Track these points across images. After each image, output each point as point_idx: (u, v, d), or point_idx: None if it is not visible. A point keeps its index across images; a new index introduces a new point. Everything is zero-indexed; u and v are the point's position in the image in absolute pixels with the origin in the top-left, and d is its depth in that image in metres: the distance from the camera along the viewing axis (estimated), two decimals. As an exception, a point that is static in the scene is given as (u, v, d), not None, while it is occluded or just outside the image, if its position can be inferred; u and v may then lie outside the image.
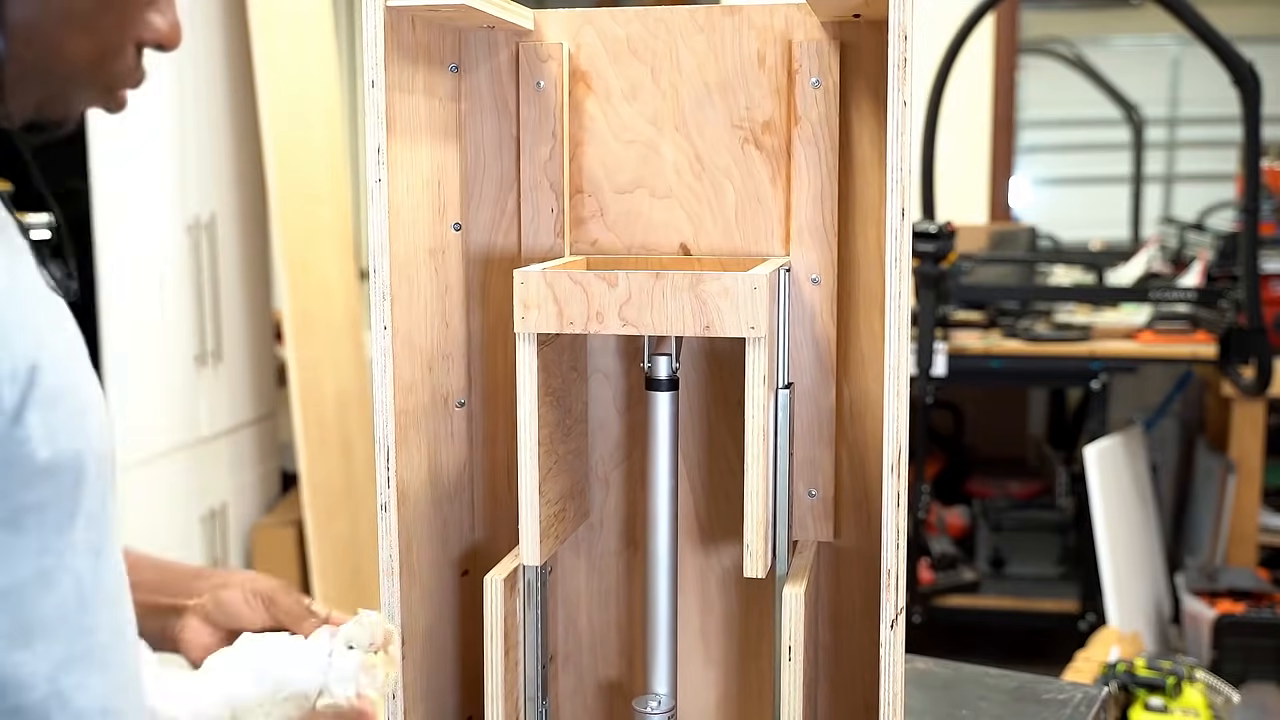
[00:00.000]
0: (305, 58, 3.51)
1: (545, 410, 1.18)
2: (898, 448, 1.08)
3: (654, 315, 1.12)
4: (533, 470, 1.17)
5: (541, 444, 1.17)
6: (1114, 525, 3.26)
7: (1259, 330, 3.11)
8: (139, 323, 2.97)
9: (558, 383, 1.23)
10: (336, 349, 3.57)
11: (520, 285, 1.14)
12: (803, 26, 1.25)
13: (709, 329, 1.11)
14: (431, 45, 1.26)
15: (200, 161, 3.22)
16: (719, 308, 1.11)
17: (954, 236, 3.26)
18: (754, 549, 1.14)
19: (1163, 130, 7.16)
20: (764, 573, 1.15)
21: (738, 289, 1.10)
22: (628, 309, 1.12)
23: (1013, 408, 4.58)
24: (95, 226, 2.80)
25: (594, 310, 1.13)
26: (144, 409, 2.99)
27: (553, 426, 1.21)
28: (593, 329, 1.13)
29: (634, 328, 1.13)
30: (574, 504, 1.30)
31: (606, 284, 1.12)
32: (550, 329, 1.14)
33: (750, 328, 1.10)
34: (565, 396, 1.26)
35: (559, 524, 1.24)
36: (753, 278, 1.10)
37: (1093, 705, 1.51)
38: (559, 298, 1.13)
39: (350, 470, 3.59)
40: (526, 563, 1.19)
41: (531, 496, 1.17)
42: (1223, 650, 3.06)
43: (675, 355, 1.22)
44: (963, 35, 3.54)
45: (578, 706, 1.43)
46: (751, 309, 1.10)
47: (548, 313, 1.14)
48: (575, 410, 1.30)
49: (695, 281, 1.11)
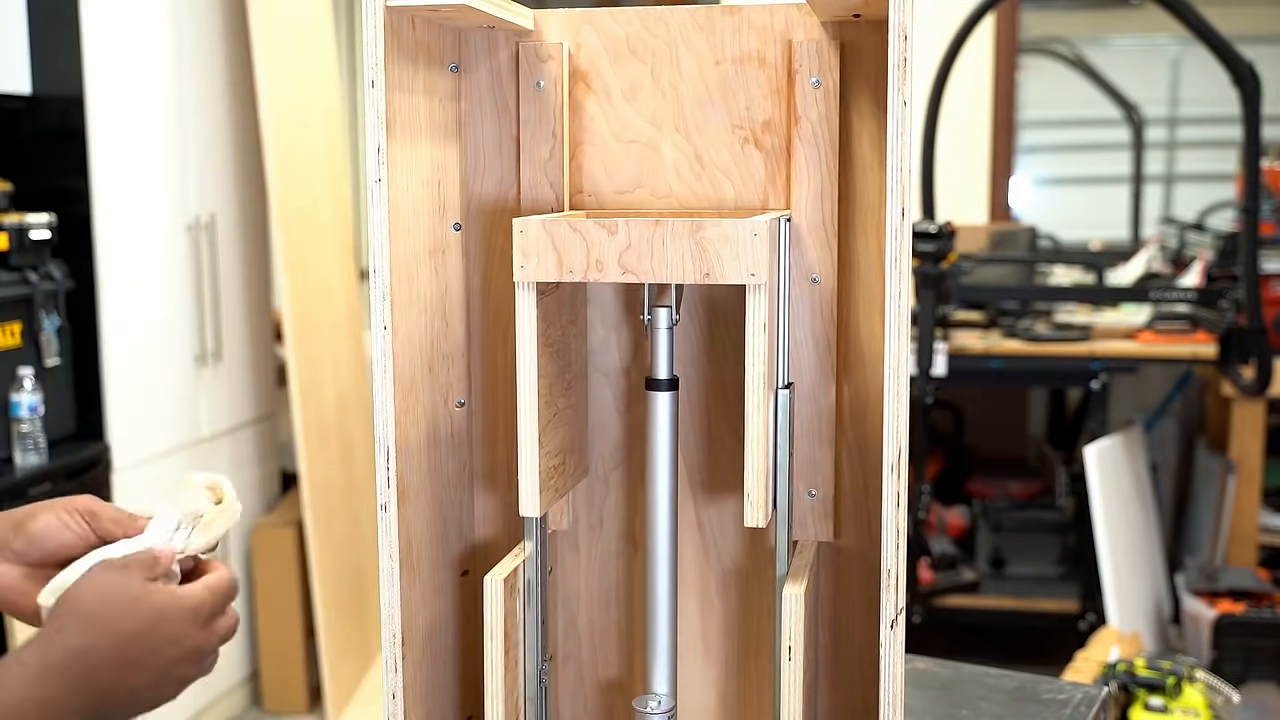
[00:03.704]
0: (305, 58, 3.51)
1: (544, 360, 1.17)
2: (898, 448, 1.08)
3: (654, 263, 1.11)
4: (532, 420, 1.16)
5: (540, 394, 1.16)
6: (1114, 525, 3.26)
7: (1259, 330, 3.11)
8: (139, 323, 2.97)
9: (557, 334, 1.22)
10: (336, 349, 3.57)
11: (519, 234, 1.13)
12: (803, 26, 1.25)
13: (709, 276, 1.10)
14: (431, 45, 1.26)
15: (200, 161, 3.22)
16: (719, 254, 1.10)
17: (954, 236, 3.26)
18: (754, 498, 1.13)
19: (1163, 130, 7.16)
20: (764, 522, 1.14)
21: (738, 235, 1.09)
22: (627, 256, 1.12)
23: (1013, 408, 4.59)
24: (95, 226, 2.80)
25: (594, 259, 1.12)
26: (144, 409, 2.99)
27: (552, 378, 1.20)
28: (592, 277, 1.12)
29: (634, 275, 1.12)
30: (573, 458, 1.30)
31: (606, 232, 1.12)
32: (550, 278, 1.13)
33: (750, 274, 1.09)
34: (564, 349, 1.25)
35: (558, 477, 1.24)
36: (753, 224, 1.09)
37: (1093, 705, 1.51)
38: (558, 246, 1.13)
39: (350, 470, 3.59)
40: (526, 513, 1.19)
41: (531, 446, 1.16)
42: (1223, 650, 3.06)
43: (675, 307, 1.21)
44: (963, 35, 3.54)
45: (578, 706, 1.43)
46: (752, 255, 1.09)
47: (547, 261, 1.13)
48: (575, 365, 1.30)
49: (695, 229, 1.10)
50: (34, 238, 2.63)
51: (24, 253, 2.62)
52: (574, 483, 1.31)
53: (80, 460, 2.74)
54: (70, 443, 2.79)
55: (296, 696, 3.48)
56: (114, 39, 2.86)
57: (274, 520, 3.50)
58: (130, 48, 2.93)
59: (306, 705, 3.49)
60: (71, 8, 2.73)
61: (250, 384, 3.50)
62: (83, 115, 2.76)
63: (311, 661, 3.46)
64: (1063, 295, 3.79)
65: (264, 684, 3.50)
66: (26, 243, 2.62)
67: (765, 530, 1.35)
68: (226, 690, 3.40)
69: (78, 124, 2.77)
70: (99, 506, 0.97)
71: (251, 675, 3.53)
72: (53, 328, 2.70)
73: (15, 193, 2.69)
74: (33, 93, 2.75)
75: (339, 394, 3.55)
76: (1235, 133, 3.33)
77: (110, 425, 2.86)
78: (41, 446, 2.61)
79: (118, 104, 2.88)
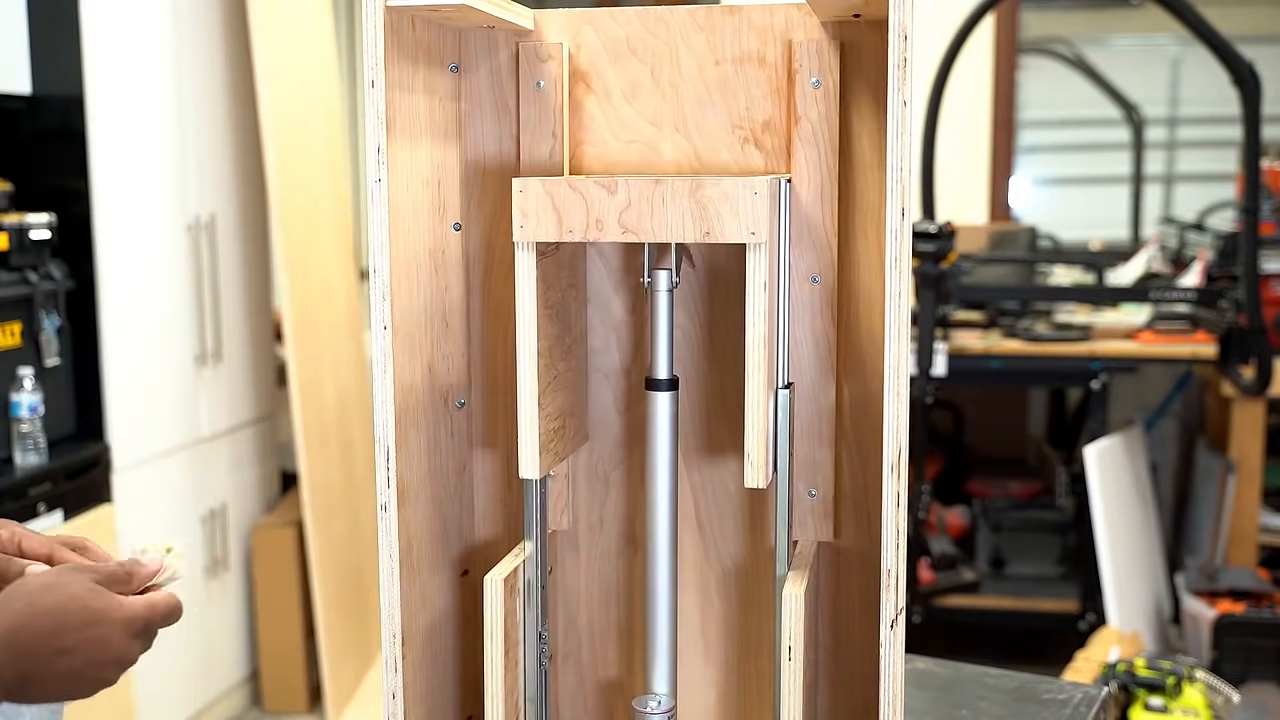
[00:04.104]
0: (305, 58, 3.51)
1: (544, 322, 1.17)
2: (898, 448, 1.08)
3: (654, 221, 1.11)
4: (531, 381, 1.16)
5: (541, 355, 1.16)
6: (1114, 525, 3.26)
7: (1259, 330, 3.11)
8: (139, 323, 2.97)
9: (556, 297, 1.22)
10: (336, 349, 3.57)
11: (519, 194, 1.12)
12: (803, 26, 1.25)
13: (709, 235, 1.10)
14: (431, 45, 1.26)
15: (200, 161, 3.22)
16: (719, 213, 1.10)
17: (954, 236, 3.26)
18: (754, 459, 1.13)
19: (1163, 130, 7.16)
20: (765, 483, 1.14)
21: (738, 194, 1.09)
22: (627, 215, 1.11)
23: (1013, 408, 4.58)
24: (95, 226, 2.80)
25: (593, 218, 1.12)
26: (144, 409, 2.99)
27: (552, 340, 1.20)
28: (592, 237, 1.12)
29: (634, 235, 1.11)
30: (573, 422, 1.29)
31: (606, 191, 1.11)
32: (549, 237, 1.13)
33: (751, 233, 1.09)
34: (564, 313, 1.25)
35: (558, 440, 1.24)
36: (753, 182, 1.09)
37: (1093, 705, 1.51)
38: (558, 205, 1.12)
39: (350, 470, 3.59)
40: (525, 475, 1.18)
41: (531, 408, 1.16)
42: (1223, 650, 3.06)
43: (675, 270, 1.21)
44: (963, 35, 3.54)
45: (578, 706, 1.43)
46: (752, 214, 1.09)
47: (546, 221, 1.12)
48: (575, 330, 1.30)
49: (695, 187, 1.10)
50: (34, 238, 2.63)
51: (24, 253, 2.62)
52: (574, 447, 1.30)
53: (80, 460, 2.74)
54: (70, 443, 2.79)
55: (296, 696, 3.48)
56: (114, 39, 2.86)
57: (274, 520, 3.50)
58: (130, 48, 2.93)
59: (306, 705, 3.49)
60: (71, 8, 2.73)
61: (250, 384, 3.50)
62: (83, 115, 2.76)
63: (311, 661, 3.46)
64: (1063, 295, 3.79)
65: (264, 684, 3.50)
66: (26, 243, 2.62)
67: (765, 530, 1.35)
68: (226, 690, 3.40)
69: (78, 124, 2.77)
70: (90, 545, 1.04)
71: (251, 675, 3.53)
72: (53, 328, 2.70)
73: (15, 193, 2.69)
74: (33, 93, 2.75)
75: (339, 394, 3.55)
76: (1235, 133, 3.33)
77: (110, 425, 2.86)
78: (41, 446, 2.61)
79: (118, 104, 2.88)
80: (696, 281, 1.34)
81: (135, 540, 2.94)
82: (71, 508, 2.66)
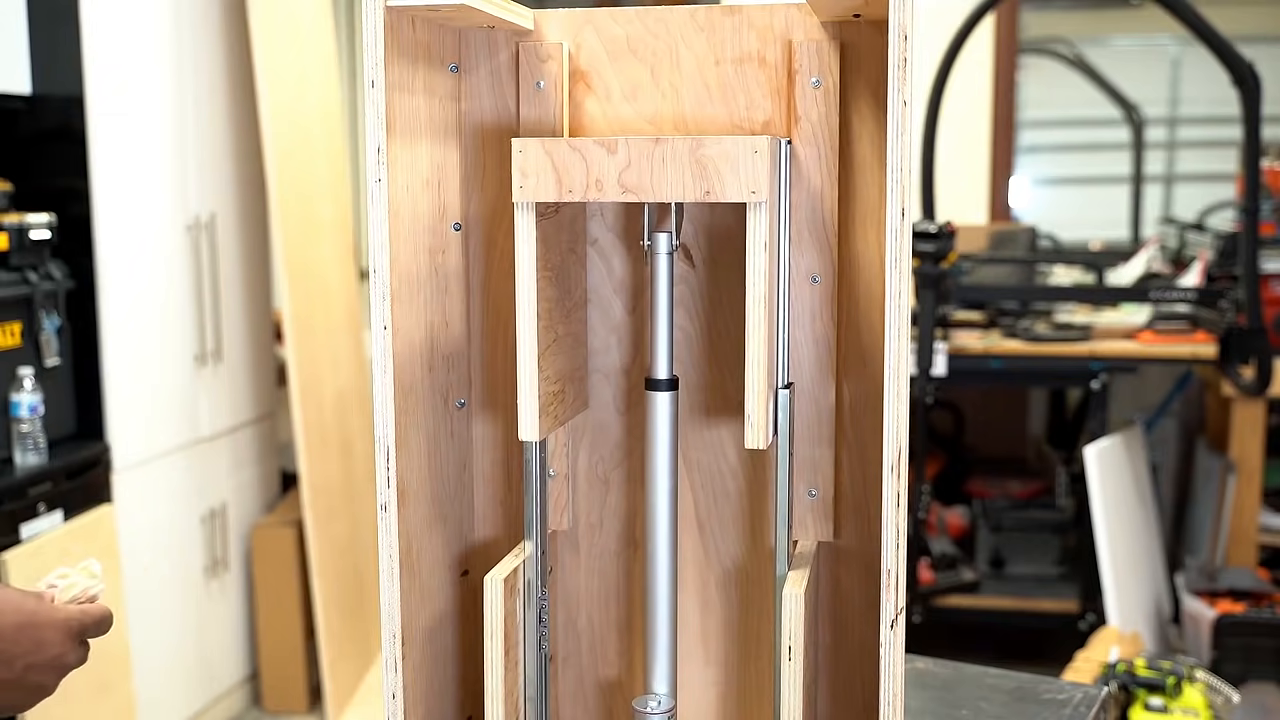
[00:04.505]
0: (305, 58, 3.51)
1: (544, 284, 1.17)
2: (898, 448, 1.08)
3: (654, 181, 1.11)
4: (531, 342, 1.15)
5: (540, 318, 1.16)
6: (1114, 525, 3.26)
7: (1259, 330, 3.11)
8: (139, 323, 2.97)
9: (556, 259, 1.22)
10: (336, 349, 3.57)
11: (519, 154, 1.12)
12: (803, 26, 1.25)
13: (709, 194, 1.10)
14: (431, 45, 1.26)
15: (200, 161, 3.22)
16: (719, 172, 1.09)
17: (954, 236, 3.26)
18: (754, 419, 1.12)
19: (1163, 130, 7.16)
20: (765, 444, 1.13)
21: (739, 153, 1.09)
22: (627, 175, 1.11)
23: (1013, 408, 4.58)
24: (95, 226, 2.80)
25: (593, 178, 1.11)
26: (144, 409, 2.99)
27: (552, 302, 1.20)
28: (592, 197, 1.12)
29: (633, 194, 1.11)
30: (573, 388, 1.29)
31: (606, 150, 1.11)
32: (549, 198, 1.13)
33: (751, 192, 1.09)
34: (564, 276, 1.25)
35: (558, 404, 1.23)
36: (754, 141, 1.09)
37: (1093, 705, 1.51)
38: (558, 165, 1.12)
39: (350, 470, 3.59)
40: (525, 437, 1.18)
41: (530, 369, 1.16)
42: (1223, 650, 3.06)
43: (675, 232, 1.21)
44: (963, 35, 3.54)
45: (578, 706, 1.43)
46: (752, 173, 1.09)
47: (546, 181, 1.12)
48: (575, 294, 1.30)
49: (696, 146, 1.10)
50: (34, 238, 2.63)
51: (24, 253, 2.62)
52: (573, 413, 1.30)
53: (80, 460, 2.74)
54: (70, 443, 2.79)
55: (296, 696, 3.48)
56: (114, 39, 2.86)
57: (274, 520, 3.50)
58: (130, 48, 2.93)
59: (306, 705, 3.49)
60: (71, 8, 2.73)
61: (250, 384, 3.50)
62: (83, 115, 2.76)
63: (311, 661, 3.46)
64: (1063, 295, 3.79)
65: (264, 684, 3.50)
66: (26, 243, 2.62)
67: (765, 530, 1.35)
68: (226, 690, 3.40)
69: (78, 124, 2.77)
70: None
71: (251, 675, 3.53)
72: (53, 328, 2.70)
73: (15, 193, 2.69)
74: (33, 93, 2.75)
75: (339, 394, 3.55)
76: (1235, 133, 3.33)
77: (110, 425, 2.86)
78: (41, 446, 2.61)
79: (118, 104, 2.88)
80: (697, 281, 1.34)
81: (136, 541, 2.94)
82: (71, 508, 2.66)
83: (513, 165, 1.12)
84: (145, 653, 2.98)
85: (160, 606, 3.07)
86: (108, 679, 2.68)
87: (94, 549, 2.68)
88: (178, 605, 3.15)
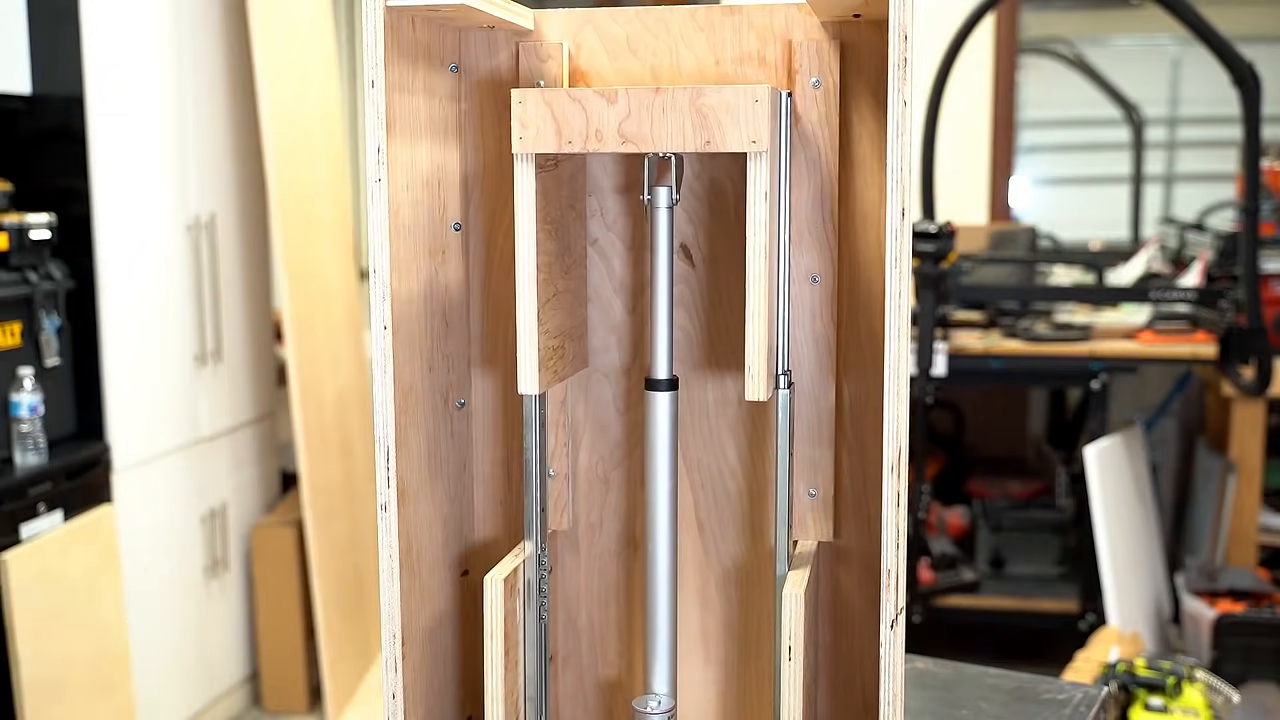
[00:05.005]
0: (305, 58, 3.51)
1: (544, 237, 1.17)
2: (898, 448, 1.08)
3: (654, 131, 1.10)
4: (531, 295, 1.15)
5: (540, 270, 1.16)
6: (1114, 525, 3.26)
7: (1259, 330, 3.11)
8: (139, 323, 2.97)
9: (556, 213, 1.22)
10: (336, 349, 3.57)
11: (518, 104, 1.12)
12: (803, 26, 1.25)
13: (710, 144, 1.10)
14: (431, 45, 1.26)
15: (200, 161, 3.22)
16: (720, 122, 1.09)
17: (954, 236, 3.26)
18: (755, 371, 1.12)
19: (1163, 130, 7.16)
20: (765, 396, 1.13)
21: (739, 102, 1.08)
22: (627, 125, 1.11)
23: (1013, 408, 4.58)
24: (95, 226, 2.80)
25: (593, 128, 1.11)
26: (144, 409, 2.99)
27: (551, 256, 1.20)
28: (591, 148, 1.11)
29: (633, 145, 1.11)
30: (573, 345, 1.29)
31: (606, 100, 1.11)
32: (549, 148, 1.12)
33: (752, 141, 1.09)
34: (564, 230, 1.25)
35: (558, 359, 1.23)
36: (754, 90, 1.08)
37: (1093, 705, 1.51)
38: (557, 116, 1.11)
39: (350, 470, 3.59)
40: (524, 390, 1.18)
41: (530, 322, 1.16)
42: (1223, 650, 3.06)
43: (675, 187, 1.20)
44: (963, 35, 3.54)
45: (578, 706, 1.43)
46: (753, 122, 1.09)
47: (546, 132, 1.12)
48: (575, 250, 1.29)
49: (696, 95, 1.09)
50: (34, 238, 2.63)
51: (24, 253, 2.62)
52: (573, 370, 1.30)
53: (80, 460, 2.74)
54: (70, 443, 2.79)
55: (296, 696, 3.48)
56: (114, 39, 2.86)
57: (274, 520, 3.50)
58: (130, 48, 2.93)
59: (306, 705, 3.49)
60: (71, 8, 2.73)
61: (250, 384, 3.50)
62: (83, 115, 2.76)
63: (311, 661, 3.46)
64: (1063, 295, 3.79)
65: (264, 684, 3.50)
66: (26, 243, 2.62)
67: (765, 530, 1.35)
68: (226, 690, 3.40)
69: (78, 124, 2.77)
70: None
71: (251, 675, 3.53)
72: (53, 328, 2.70)
73: (15, 193, 2.69)
74: (33, 93, 2.75)
75: (339, 394, 3.55)
76: (1235, 133, 3.33)
77: (110, 425, 2.86)
78: (41, 446, 2.61)
79: (118, 104, 2.88)
80: (696, 281, 1.34)
81: (136, 541, 2.94)
82: (71, 508, 2.66)
83: (512, 116, 1.12)
84: (145, 653, 2.98)
85: (160, 606, 3.07)
86: (108, 679, 2.68)
87: (94, 549, 2.68)
88: (178, 605, 3.15)
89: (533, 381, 1.16)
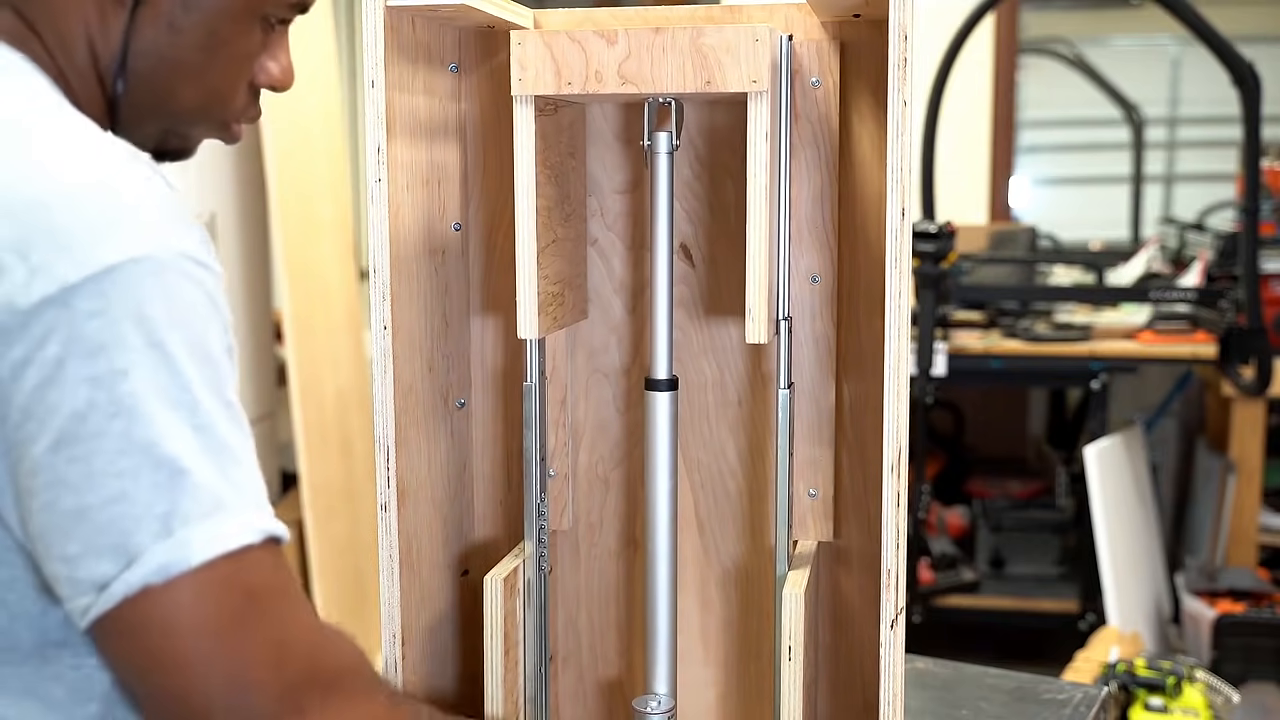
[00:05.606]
0: (305, 58, 3.51)
1: (543, 181, 1.16)
2: (898, 448, 1.08)
3: (654, 71, 1.09)
4: (530, 239, 1.14)
5: (539, 214, 1.15)
6: (1114, 525, 3.26)
7: (1259, 330, 3.11)
8: (139, 323, 2.97)
9: (556, 159, 1.21)
10: (336, 349, 3.57)
11: (517, 45, 1.11)
12: (803, 26, 1.25)
13: (710, 84, 1.09)
14: (431, 45, 1.26)
15: (200, 161, 3.20)
16: (720, 62, 1.08)
17: (954, 236, 3.26)
18: (755, 313, 1.11)
19: (1163, 130, 7.16)
20: (765, 338, 1.12)
21: (739, 41, 1.08)
22: (627, 66, 1.10)
23: (1013, 408, 4.58)
24: (95, 226, 2.80)
25: (593, 70, 1.10)
26: (144, 409, 2.99)
27: (551, 201, 1.19)
28: (591, 89, 1.11)
29: (633, 86, 1.10)
30: (573, 294, 1.29)
31: (605, 41, 1.10)
32: (548, 90, 1.12)
33: (752, 80, 1.08)
34: (563, 177, 1.24)
35: (557, 306, 1.23)
36: (755, 29, 1.08)
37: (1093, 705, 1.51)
38: (556, 57, 1.11)
39: (350, 470, 3.59)
40: (524, 335, 1.17)
41: (530, 266, 1.15)
42: (1223, 650, 3.06)
43: (675, 133, 1.19)
44: (963, 35, 3.54)
45: (578, 706, 1.43)
46: (754, 62, 1.08)
47: (545, 74, 1.11)
48: (574, 197, 1.29)
49: (696, 34, 1.09)
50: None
51: (24, 253, 2.62)
52: (572, 319, 1.29)
53: (80, 460, 2.73)
54: (70, 443, 2.79)
55: (296, 696, 3.48)
56: (114, 39, 2.86)
57: (274, 520, 3.50)
58: (130, 48, 2.93)
59: (306, 705, 3.48)
60: (71, 8, 2.72)
61: (250, 384, 3.50)
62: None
63: (311, 661, 3.46)
64: (1063, 295, 3.79)
65: (264, 684, 3.49)
66: (26, 243, 2.61)
67: (765, 530, 1.35)
68: (226, 690, 3.40)
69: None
70: None
71: (251, 675, 3.52)
72: (53, 328, 2.69)
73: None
74: (33, 93, 2.75)
75: (339, 394, 3.55)
76: (1235, 133, 3.33)
77: (110, 425, 2.86)
78: (41, 446, 2.61)
79: (118, 104, 2.88)
80: (696, 281, 1.34)
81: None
82: (71, 508, 2.66)
83: (511, 57, 1.11)
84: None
85: (160, 606, 3.06)
86: (108, 679, 2.68)
87: (94, 549, 2.67)
88: (178, 605, 3.14)
89: (532, 325, 1.16)
